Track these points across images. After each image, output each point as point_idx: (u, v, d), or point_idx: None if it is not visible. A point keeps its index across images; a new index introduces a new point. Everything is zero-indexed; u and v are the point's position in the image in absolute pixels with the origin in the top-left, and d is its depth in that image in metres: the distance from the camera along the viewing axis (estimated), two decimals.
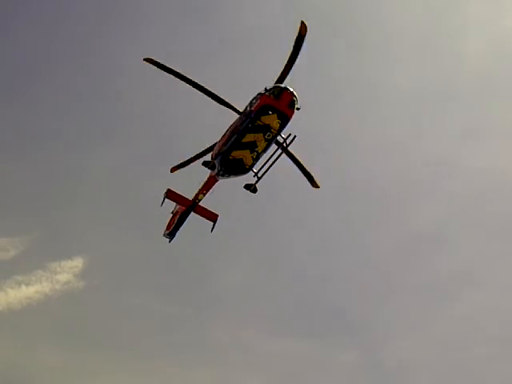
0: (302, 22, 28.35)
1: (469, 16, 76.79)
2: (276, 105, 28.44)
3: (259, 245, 72.70)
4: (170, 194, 32.07)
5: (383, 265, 72.92)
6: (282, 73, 29.15)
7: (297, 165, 32.30)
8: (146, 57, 29.14)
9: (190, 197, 32.43)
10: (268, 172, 30.50)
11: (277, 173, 34.50)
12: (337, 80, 74.33)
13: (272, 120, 28.63)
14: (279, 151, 29.91)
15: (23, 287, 60.71)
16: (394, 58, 75.42)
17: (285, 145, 29.59)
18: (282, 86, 28.74)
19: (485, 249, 73.42)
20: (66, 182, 69.16)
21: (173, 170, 33.79)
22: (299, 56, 28.92)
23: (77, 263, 60.83)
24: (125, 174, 66.84)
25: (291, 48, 28.82)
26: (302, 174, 32.88)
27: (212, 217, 32.47)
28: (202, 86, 29.63)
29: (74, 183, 68.67)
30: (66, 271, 60.85)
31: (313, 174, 33.03)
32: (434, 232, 73.00)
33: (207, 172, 31.31)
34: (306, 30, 28.37)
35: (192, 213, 32.62)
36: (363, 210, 75.13)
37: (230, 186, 33.41)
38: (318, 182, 33.30)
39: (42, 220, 67.72)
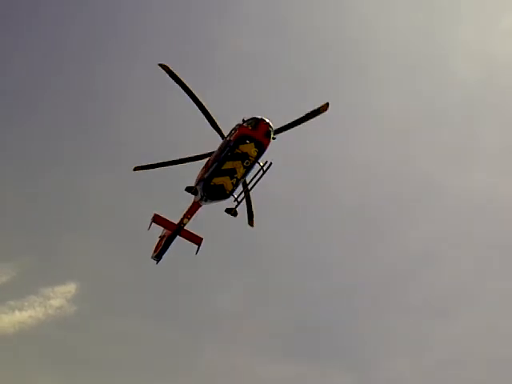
0: (327, 104, 31.99)
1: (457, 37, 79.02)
2: (253, 134, 30.66)
3: (250, 269, 72.72)
4: (157, 219, 34.16)
5: (376, 286, 72.81)
6: (282, 128, 32.17)
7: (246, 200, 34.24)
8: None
9: (176, 221, 34.61)
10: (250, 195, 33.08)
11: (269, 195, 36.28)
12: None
13: (249, 148, 30.80)
14: (258, 176, 32.05)
15: (16, 312, 61.08)
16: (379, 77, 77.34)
17: (262, 171, 31.78)
18: (259, 117, 31.02)
19: (476, 268, 72.96)
20: (59, 207, 69.41)
21: (136, 169, 34.68)
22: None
23: (69, 288, 61.72)
24: (117, 199, 67.41)
25: (304, 114, 32.19)
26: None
27: (196, 240, 34.48)
28: (203, 105, 31.98)
29: (67, 209, 68.87)
30: (59, 296, 61.57)
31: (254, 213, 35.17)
32: (425, 252, 72.82)
33: (191, 197, 33.51)
34: (325, 110, 32.09)
35: (178, 236, 34.82)
36: (354, 231, 75.08)
37: (217, 211, 35.74)
38: (253, 222, 35.50)
39: (35, 245, 67.37)
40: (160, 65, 31.32)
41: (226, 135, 32.00)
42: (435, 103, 77.57)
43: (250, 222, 35.18)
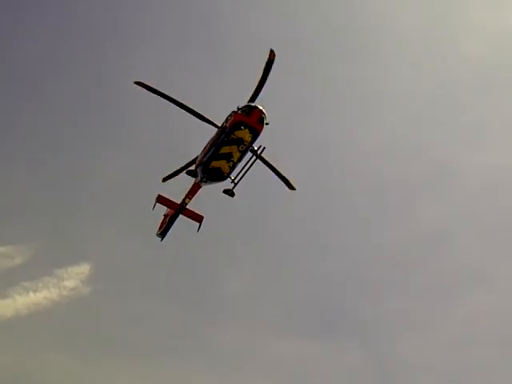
0: (271, 50, 32.90)
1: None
2: (247, 121, 33.08)
3: (263, 249, 73.27)
4: (161, 199, 36.77)
5: (388, 265, 73.61)
6: (253, 93, 33.76)
7: (273, 170, 36.70)
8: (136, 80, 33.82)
9: (179, 201, 37.22)
10: (245, 177, 35.40)
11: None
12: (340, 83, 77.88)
13: (244, 134, 33.26)
14: (253, 160, 34.59)
15: (31, 294, 60.49)
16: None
17: (256, 155, 34.25)
18: (252, 104, 33.38)
19: (490, 247, 73.41)
20: (71, 188, 69.91)
21: (164, 180, 38.43)
22: (267, 79, 33.64)
23: (83, 269, 60.86)
24: (130, 179, 67.43)
25: (261, 72, 33.42)
26: (278, 179, 37.32)
27: (198, 218, 37.08)
28: (188, 107, 34.34)
29: (79, 189, 69.62)
30: (73, 277, 60.72)
31: (288, 177, 37.10)
32: (438, 231, 73.17)
33: (191, 180, 36.06)
34: (274, 57, 32.94)
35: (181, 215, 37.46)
36: (366, 209, 75.54)
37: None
38: (293, 185, 37.48)
39: (48, 227, 67.60)
40: (136, 83, 33.66)
41: (221, 124, 34.40)
42: (446, 83, 78.37)
43: (289, 186, 37.38)
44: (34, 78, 76.16)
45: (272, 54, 32.93)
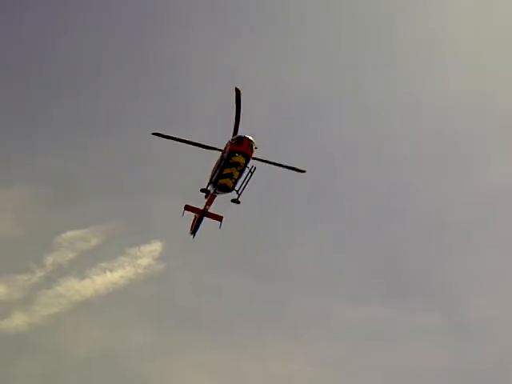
0: (236, 88, 42.26)
1: None
2: (240, 149, 43.57)
3: (329, 214, 77.03)
4: (188, 207, 47.84)
5: (459, 223, 75.44)
6: (234, 126, 43.74)
7: (278, 165, 45.86)
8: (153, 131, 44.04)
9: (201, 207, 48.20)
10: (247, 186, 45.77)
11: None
12: None
13: (239, 158, 43.73)
14: (249, 175, 45.01)
15: (108, 273, 62.75)
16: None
17: (250, 173, 44.62)
18: (242, 135, 43.74)
19: None
20: (135, 168, 73.26)
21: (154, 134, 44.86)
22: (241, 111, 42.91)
23: (155, 247, 62.39)
24: (195, 155, 68.83)
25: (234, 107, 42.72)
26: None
27: (218, 218, 48.04)
28: (201, 144, 44.91)
29: (143, 169, 72.45)
30: (146, 255, 62.47)
31: (293, 165, 45.63)
32: (508, 188, 75.06)
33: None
34: (240, 93, 42.30)
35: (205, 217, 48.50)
36: (435, 168, 77.72)
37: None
38: (302, 169, 46.22)
39: (118, 208, 70.15)
40: (153, 133, 43.85)
41: (222, 150, 44.88)
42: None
43: (299, 170, 46.08)
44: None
45: (238, 92, 42.30)
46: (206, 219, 48.67)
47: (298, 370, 66.89)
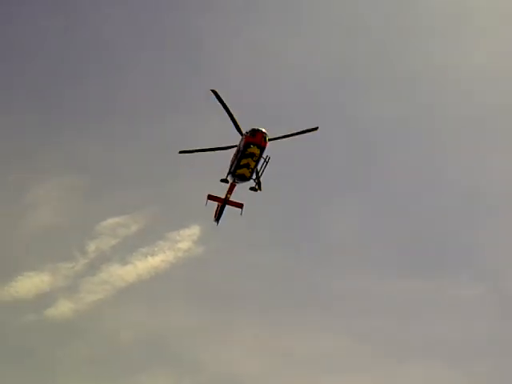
0: (212, 90, 44.59)
1: None
2: (254, 140, 46.15)
3: (367, 190, 78.34)
4: (210, 197, 50.49)
5: (500, 197, 76.60)
6: (233, 123, 46.01)
7: (288, 136, 47.12)
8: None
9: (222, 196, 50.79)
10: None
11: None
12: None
13: (254, 150, 46.31)
14: (264, 164, 47.57)
15: (149, 258, 63.97)
16: None
17: (265, 162, 47.17)
18: (256, 128, 46.26)
19: None
20: (173, 155, 69.47)
21: (181, 152, 48.12)
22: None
23: (194, 231, 64.38)
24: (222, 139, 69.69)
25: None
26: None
27: (239, 205, 50.56)
28: (221, 147, 47.89)
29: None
30: (185, 239, 64.05)
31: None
32: None
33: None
34: (217, 93, 44.52)
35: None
36: (474, 139, 79.58)
37: None
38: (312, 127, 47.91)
39: (156, 194, 70.68)
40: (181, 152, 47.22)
41: (238, 143, 47.43)
42: None
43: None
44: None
45: (214, 92, 44.63)
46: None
47: (339, 345, 67.69)
